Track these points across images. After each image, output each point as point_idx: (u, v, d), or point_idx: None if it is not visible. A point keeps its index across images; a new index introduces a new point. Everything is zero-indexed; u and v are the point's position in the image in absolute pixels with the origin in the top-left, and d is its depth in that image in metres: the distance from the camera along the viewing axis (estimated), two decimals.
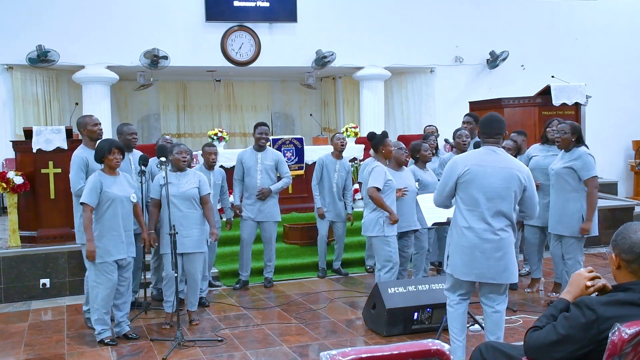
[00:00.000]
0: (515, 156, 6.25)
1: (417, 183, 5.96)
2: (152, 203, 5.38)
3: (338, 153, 7.11)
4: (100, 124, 5.50)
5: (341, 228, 7.15)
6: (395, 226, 5.46)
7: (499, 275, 3.86)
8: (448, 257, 4.03)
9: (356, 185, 7.75)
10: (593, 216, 5.38)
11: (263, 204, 6.58)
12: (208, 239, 5.41)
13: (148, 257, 6.11)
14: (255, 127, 6.73)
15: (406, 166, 5.99)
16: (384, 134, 5.64)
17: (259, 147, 6.67)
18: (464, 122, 6.95)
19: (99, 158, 4.92)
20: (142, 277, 5.95)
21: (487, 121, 4.01)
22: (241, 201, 6.66)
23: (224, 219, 6.69)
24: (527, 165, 6.00)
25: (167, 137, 6.54)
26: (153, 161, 5.97)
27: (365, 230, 5.53)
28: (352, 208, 7.19)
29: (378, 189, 5.32)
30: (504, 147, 5.97)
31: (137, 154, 5.80)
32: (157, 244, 5.41)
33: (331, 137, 7.83)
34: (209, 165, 6.25)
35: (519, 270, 6.84)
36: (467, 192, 3.88)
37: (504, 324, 4.02)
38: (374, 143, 5.52)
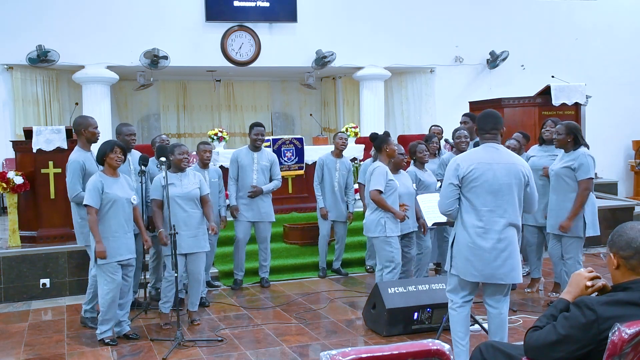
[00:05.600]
0: None
1: (414, 185, 5.94)
2: (155, 204, 5.27)
3: (338, 152, 7.11)
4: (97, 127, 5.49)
5: (342, 228, 7.15)
6: (398, 227, 5.45)
7: (507, 276, 3.79)
8: (452, 258, 3.91)
9: (356, 186, 7.75)
10: (577, 216, 5.35)
11: (259, 204, 6.56)
12: (209, 232, 5.32)
13: (147, 257, 6.10)
14: (251, 127, 6.71)
15: (404, 170, 5.98)
16: (387, 134, 5.62)
17: (255, 148, 6.66)
18: (461, 122, 6.97)
19: (100, 157, 4.90)
20: (142, 276, 5.96)
21: (483, 117, 3.98)
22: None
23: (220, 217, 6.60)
24: None
25: (164, 136, 6.50)
26: (152, 161, 5.94)
27: (367, 230, 5.50)
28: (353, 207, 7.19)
29: (380, 192, 5.30)
30: (507, 147, 6.09)
31: (135, 154, 5.77)
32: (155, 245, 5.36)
33: (333, 136, 7.82)
34: (204, 164, 6.22)
35: None
36: (473, 191, 3.79)
37: (507, 324, 4.00)
38: (377, 143, 5.49)
